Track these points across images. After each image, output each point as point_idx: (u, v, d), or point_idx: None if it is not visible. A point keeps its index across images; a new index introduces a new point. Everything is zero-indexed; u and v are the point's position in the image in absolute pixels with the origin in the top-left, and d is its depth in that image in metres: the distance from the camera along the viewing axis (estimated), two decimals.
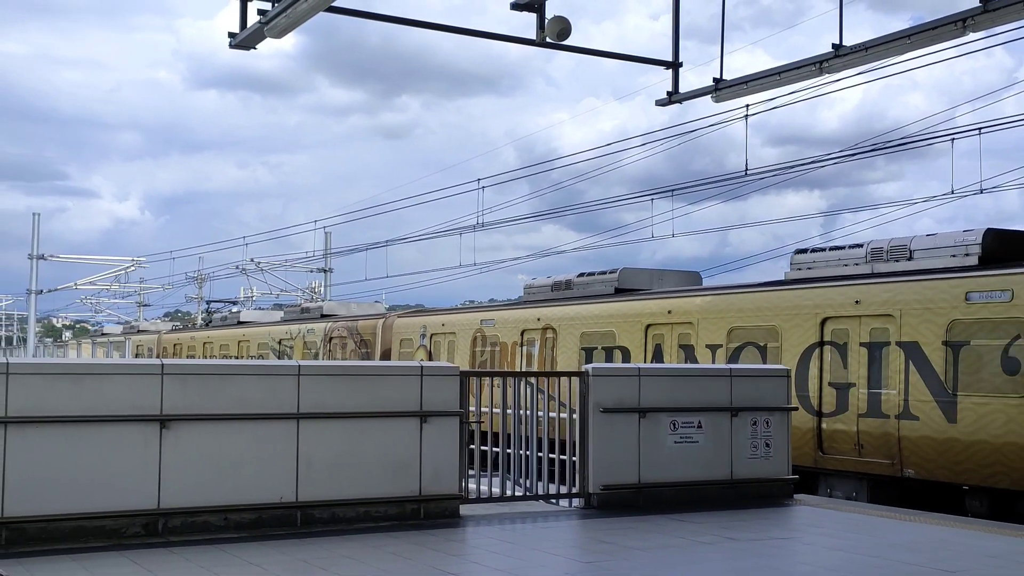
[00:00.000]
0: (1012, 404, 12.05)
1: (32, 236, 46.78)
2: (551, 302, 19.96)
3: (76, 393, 8.31)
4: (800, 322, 14.71)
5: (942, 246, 13.86)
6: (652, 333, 17.19)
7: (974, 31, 9.21)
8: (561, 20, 10.32)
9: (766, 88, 11.08)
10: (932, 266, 13.72)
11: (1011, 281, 12.31)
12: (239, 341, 31.83)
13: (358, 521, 9.22)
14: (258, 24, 9.27)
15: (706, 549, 8.57)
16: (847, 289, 14.24)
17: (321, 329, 27.42)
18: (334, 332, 26.77)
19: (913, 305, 13.28)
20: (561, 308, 19.17)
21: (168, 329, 44.31)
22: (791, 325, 14.87)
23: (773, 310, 15.23)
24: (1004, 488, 12.15)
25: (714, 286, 17.99)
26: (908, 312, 13.33)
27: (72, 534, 8.13)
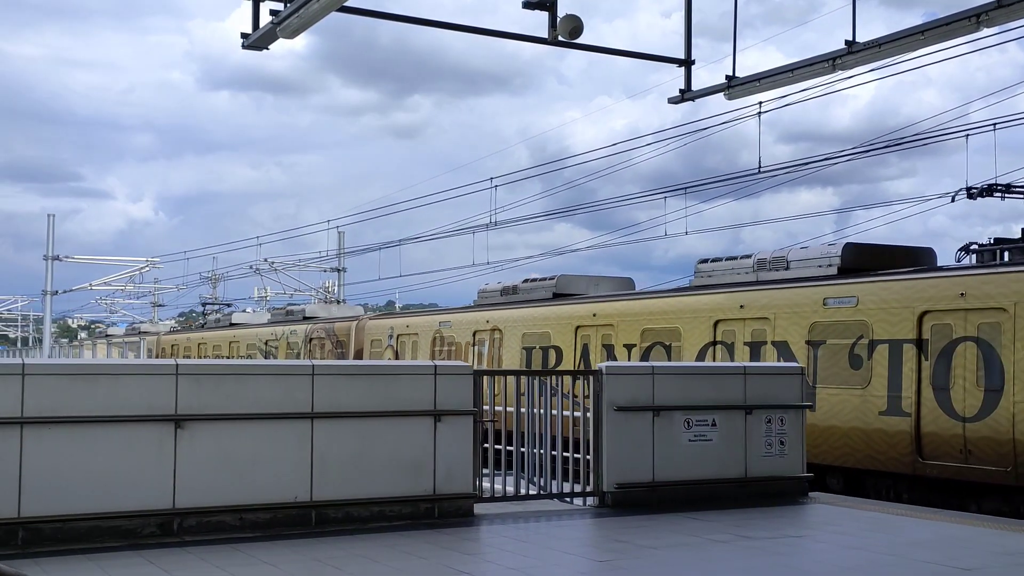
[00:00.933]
0: (856, 395, 14.28)
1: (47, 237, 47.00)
2: (499, 306, 21.81)
3: (91, 393, 8.34)
4: (698, 324, 16.70)
5: (811, 258, 15.93)
6: (580, 334, 18.90)
7: (988, 27, 9.16)
8: (573, 18, 10.31)
9: (779, 85, 11.05)
10: (803, 275, 15.71)
11: (856, 289, 14.43)
12: (230, 342, 33.20)
13: (372, 520, 9.24)
14: (270, 25, 9.29)
15: (720, 548, 8.55)
16: (734, 295, 16.22)
17: (303, 331, 29.08)
18: (314, 333, 28.40)
19: (784, 309, 15.34)
20: (507, 311, 21.09)
21: (167, 330, 46.03)
22: (691, 327, 16.86)
23: (677, 313, 17.15)
24: (852, 467, 14.31)
25: (632, 291, 20.03)
26: (780, 315, 15.36)
27: (88, 534, 8.17)
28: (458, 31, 10.78)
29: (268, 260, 46.23)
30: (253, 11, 9.61)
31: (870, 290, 14.26)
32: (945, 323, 13.22)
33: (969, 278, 13.19)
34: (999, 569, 7.77)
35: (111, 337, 53.91)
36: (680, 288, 18.27)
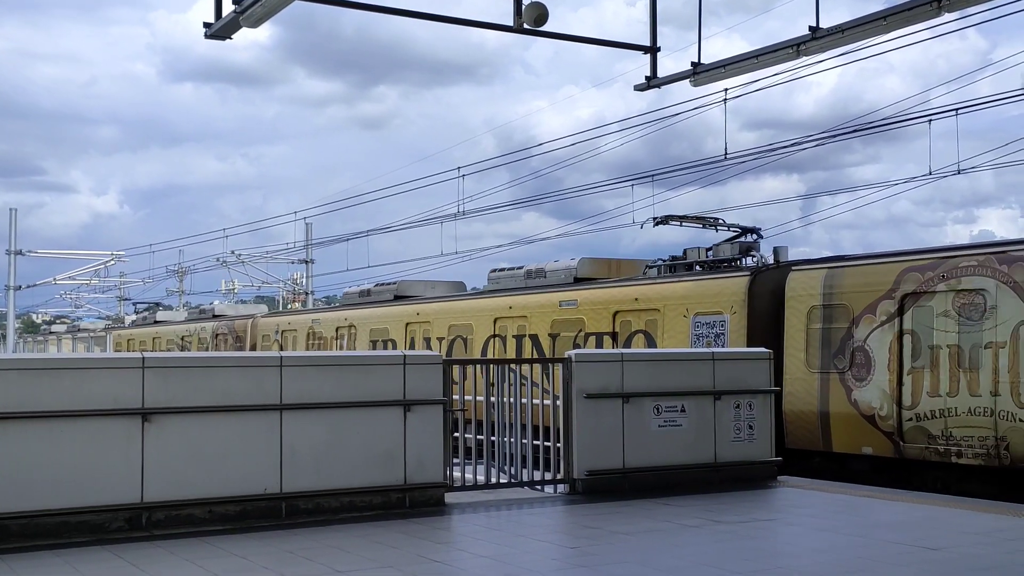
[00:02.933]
0: None
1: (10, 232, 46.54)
2: (356, 306, 25.63)
3: (56, 388, 8.26)
4: (484, 320, 20.40)
5: (558, 269, 19.99)
6: (409, 328, 22.64)
7: (949, 11, 9.24)
8: (538, 6, 10.29)
9: (744, 71, 11.10)
10: (552, 283, 19.83)
11: (578, 294, 18.39)
12: (153, 338, 36.71)
13: (343, 511, 9.21)
14: (233, 13, 9.21)
15: (691, 532, 8.60)
16: (508, 298, 20.07)
17: (211, 328, 32.22)
18: (219, 330, 31.52)
19: (537, 309, 19.10)
20: (361, 311, 24.86)
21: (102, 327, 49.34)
22: (479, 323, 20.48)
23: (471, 312, 20.95)
24: None
25: (446, 295, 23.59)
26: (534, 314, 19.10)
27: (55, 530, 8.09)
28: (423, 19, 10.72)
29: (235, 253, 46.02)
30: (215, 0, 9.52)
31: (586, 295, 18.22)
32: (627, 319, 17.23)
33: (641, 287, 17.40)
34: (966, 548, 7.87)
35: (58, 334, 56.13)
36: (477, 292, 22.77)
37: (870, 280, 13.92)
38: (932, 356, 13.05)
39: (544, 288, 19.60)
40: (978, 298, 12.65)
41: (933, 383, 12.96)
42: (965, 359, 12.71)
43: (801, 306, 14.70)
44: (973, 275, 12.70)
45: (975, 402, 12.46)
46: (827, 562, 7.42)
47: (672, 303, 16.48)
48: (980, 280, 12.62)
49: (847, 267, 14.45)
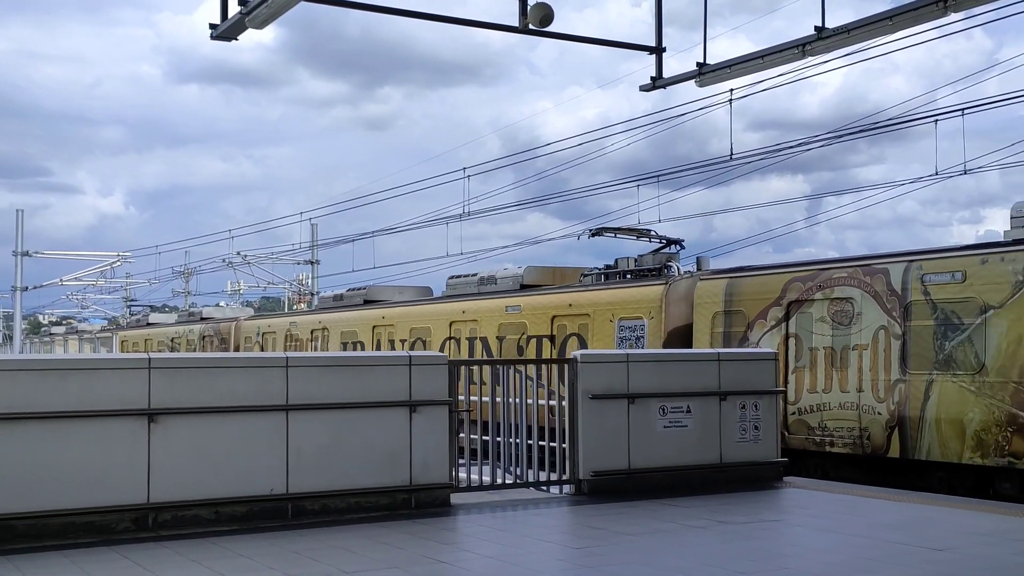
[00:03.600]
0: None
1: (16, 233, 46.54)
2: (329, 310, 27.52)
3: (63, 389, 8.27)
4: (441, 324, 22.03)
5: (507, 276, 21.68)
6: (376, 331, 24.34)
7: (955, 11, 9.22)
8: (544, 6, 10.29)
9: (749, 72, 11.08)
10: (501, 289, 21.50)
11: (521, 300, 20.18)
12: (145, 339, 38.87)
13: (349, 512, 9.22)
14: (239, 15, 9.22)
15: (697, 533, 8.60)
16: (462, 303, 21.86)
17: (198, 330, 34.01)
18: (206, 332, 33.30)
19: (486, 314, 20.76)
20: (333, 314, 26.57)
21: (99, 329, 51.96)
22: (436, 326, 22.22)
23: (430, 316, 22.69)
24: None
25: (410, 300, 25.17)
26: (484, 318, 20.77)
27: (62, 530, 8.11)
28: (428, 20, 10.73)
29: (241, 253, 46.05)
30: (221, 1, 9.54)
31: (528, 301, 19.98)
32: (563, 323, 18.94)
33: (575, 294, 18.96)
34: (972, 548, 7.86)
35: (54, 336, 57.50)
36: (436, 297, 24.57)
37: (762, 289, 15.57)
38: (811, 356, 14.68)
39: (493, 294, 21.40)
40: (847, 305, 14.28)
41: (812, 381, 14.66)
42: (837, 359, 14.35)
43: (707, 311, 16.41)
44: (843, 285, 14.35)
45: (844, 397, 14.13)
46: (833, 563, 7.41)
47: (600, 308, 18.21)
48: (848, 290, 14.29)
49: (744, 277, 16.09)
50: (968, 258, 13.08)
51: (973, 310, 12.80)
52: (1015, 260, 12.45)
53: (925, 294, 13.36)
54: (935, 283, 13.26)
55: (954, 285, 13.05)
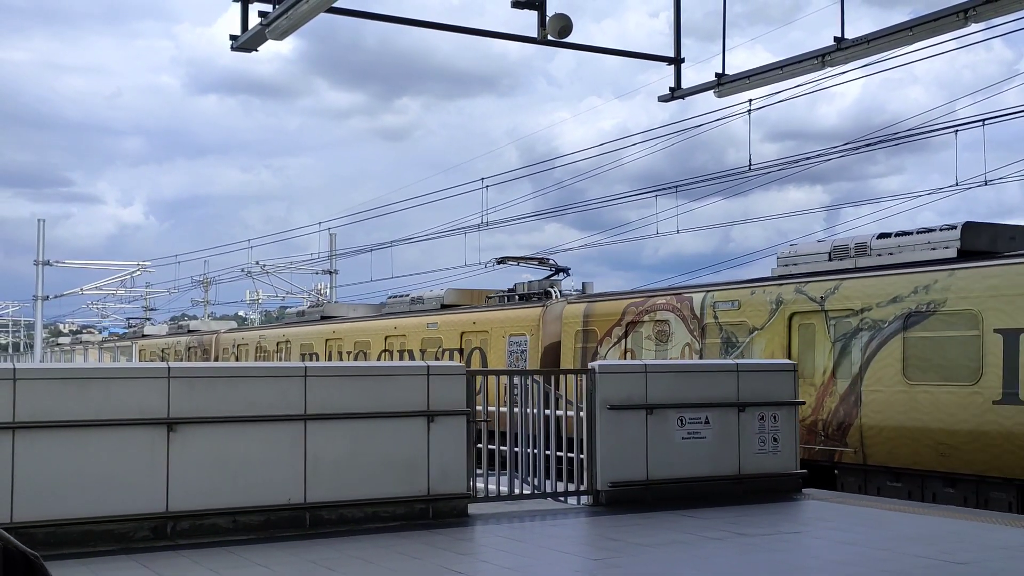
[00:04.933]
0: None
1: (38, 242, 46.89)
2: (293, 324, 31.13)
3: (83, 397, 8.32)
4: (378, 338, 25.09)
5: (432, 297, 24.91)
6: (328, 344, 27.15)
7: (976, 22, 9.18)
8: (562, 17, 10.30)
9: (768, 82, 11.06)
10: (427, 308, 24.59)
11: (438, 319, 23.24)
12: (140, 350, 41.99)
13: (366, 522, 9.22)
14: (259, 26, 9.27)
15: (715, 545, 8.56)
16: (395, 320, 24.97)
17: (185, 341, 37.48)
18: (191, 343, 36.61)
19: (413, 330, 23.85)
20: (295, 329, 29.97)
21: (100, 340, 55.34)
22: (375, 340, 25.30)
23: (370, 331, 25.62)
24: None
25: (355, 316, 28.42)
26: (411, 333, 23.85)
27: (81, 538, 8.14)
28: (448, 31, 10.77)
29: (259, 263, 46.20)
30: (242, 13, 9.59)
31: (444, 319, 22.82)
32: (469, 338, 21.84)
33: (478, 314, 22.18)
34: (994, 563, 7.79)
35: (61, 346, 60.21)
36: (376, 315, 27.39)
37: (608, 312, 18.62)
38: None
39: (419, 312, 24.56)
40: (665, 326, 17.39)
41: None
42: None
43: (571, 330, 19.35)
44: (663, 310, 17.45)
45: None
46: (853, 575, 7.36)
47: (496, 326, 21.20)
48: (666, 313, 17.42)
49: (596, 302, 19.27)
50: (742, 290, 16.29)
51: (745, 330, 16.04)
52: (770, 292, 15.68)
53: (715, 318, 16.56)
54: (722, 309, 16.48)
55: (733, 311, 16.27)
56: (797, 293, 15.21)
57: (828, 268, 15.29)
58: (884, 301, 13.95)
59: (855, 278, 14.56)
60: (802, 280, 15.29)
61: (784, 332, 15.29)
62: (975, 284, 12.95)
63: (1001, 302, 12.56)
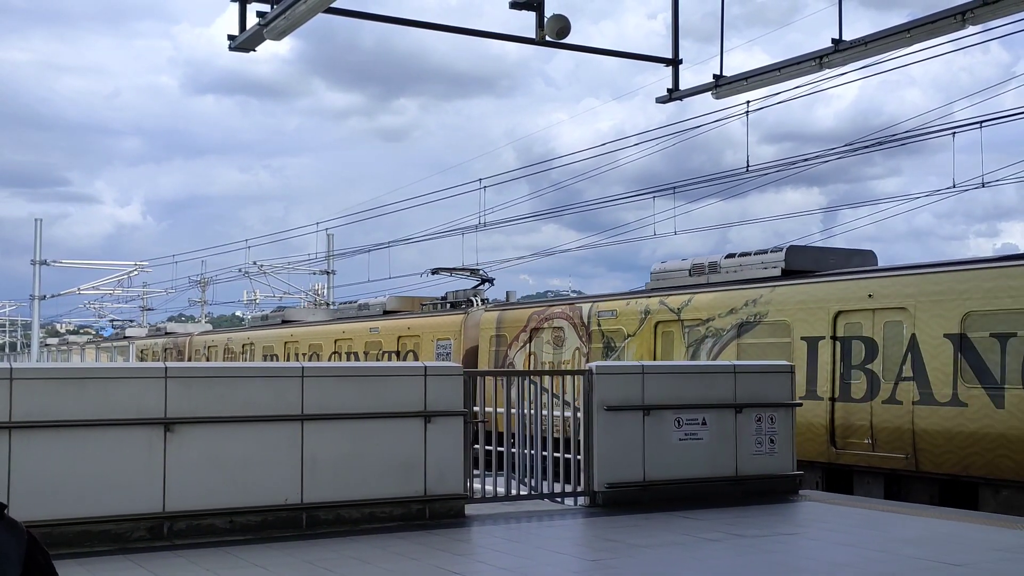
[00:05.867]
0: None
1: (35, 242, 46.88)
2: (257, 328, 33.46)
3: (80, 397, 8.31)
4: (329, 341, 26.89)
5: (376, 304, 27.10)
6: (287, 346, 29.05)
7: (974, 24, 9.19)
8: (560, 18, 10.31)
9: (766, 84, 11.06)
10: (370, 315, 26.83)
11: (380, 323, 25.31)
12: (121, 350, 44.61)
13: (364, 522, 9.22)
14: (257, 26, 9.27)
15: (712, 546, 8.56)
16: (344, 325, 27.01)
17: (162, 343, 39.34)
18: (168, 345, 38.49)
19: (358, 334, 25.69)
20: (259, 332, 32.13)
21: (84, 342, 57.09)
22: (328, 343, 26.83)
23: (322, 334, 27.59)
24: None
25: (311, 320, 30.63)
26: (356, 337, 25.66)
27: (77, 538, 8.13)
28: (446, 32, 10.77)
29: (257, 263, 46.19)
30: (240, 13, 9.58)
31: (384, 324, 25.03)
32: (404, 342, 23.97)
33: (412, 320, 24.26)
34: (989, 565, 7.80)
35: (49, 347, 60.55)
36: (328, 319, 29.66)
37: (516, 319, 20.74)
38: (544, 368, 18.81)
39: (364, 318, 26.70)
40: (560, 332, 19.44)
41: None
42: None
43: (487, 335, 21.40)
44: (559, 318, 19.59)
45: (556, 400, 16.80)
46: None
47: (426, 331, 23.27)
48: (561, 321, 19.51)
49: (507, 310, 21.54)
50: (619, 301, 18.58)
51: (622, 336, 18.10)
52: (641, 304, 17.86)
53: (598, 325, 18.61)
54: (603, 318, 18.56)
55: (612, 319, 18.38)
56: (661, 304, 17.56)
57: (687, 283, 17.75)
58: (724, 312, 16.28)
59: (703, 292, 16.99)
60: (665, 293, 17.69)
61: (651, 338, 17.56)
62: (788, 299, 15.29)
63: (806, 314, 14.92)
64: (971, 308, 12.85)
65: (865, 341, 14.11)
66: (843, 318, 14.40)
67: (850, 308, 14.31)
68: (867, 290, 14.19)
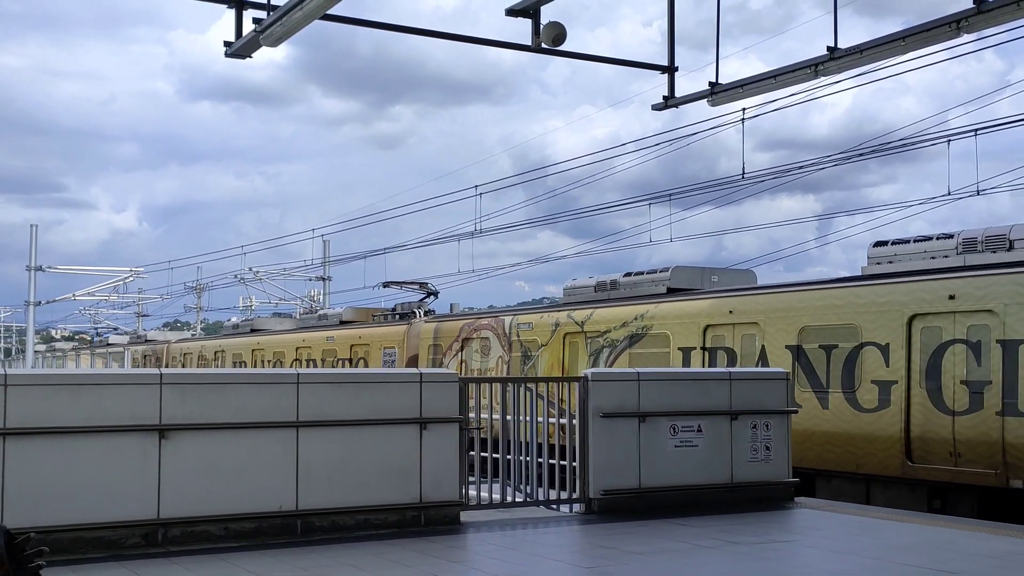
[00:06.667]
0: None
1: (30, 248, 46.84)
2: (228, 336, 35.56)
3: (75, 403, 8.30)
4: (291, 349, 28.77)
5: (332, 314, 29.43)
6: (254, 354, 30.96)
7: (968, 32, 9.22)
8: (556, 26, 10.33)
9: (762, 91, 11.09)
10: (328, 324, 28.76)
11: (335, 332, 27.10)
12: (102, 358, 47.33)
13: (358, 529, 9.21)
14: (253, 33, 9.28)
15: (707, 553, 8.56)
16: (304, 334, 28.90)
17: (141, 350, 41.37)
18: (147, 352, 40.61)
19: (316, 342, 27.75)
20: (229, 340, 34.22)
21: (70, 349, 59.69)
22: (290, 351, 28.84)
23: (285, 342, 29.59)
24: None
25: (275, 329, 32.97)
26: (314, 345, 27.56)
27: (72, 545, 8.11)
28: (442, 39, 10.78)
29: (253, 269, 46.13)
30: (236, 19, 9.60)
31: (339, 334, 26.72)
32: (356, 349, 25.74)
33: (362, 329, 26.18)
34: (984, 571, 7.81)
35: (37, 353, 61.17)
36: (291, 328, 31.49)
37: (450, 330, 22.78)
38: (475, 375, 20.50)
39: (323, 327, 28.56)
40: (487, 342, 21.31)
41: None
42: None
43: (426, 344, 23.40)
44: (485, 329, 21.57)
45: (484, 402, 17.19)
46: None
47: (375, 340, 25.15)
48: (487, 332, 21.45)
49: (443, 322, 23.57)
50: (535, 315, 20.48)
51: (536, 346, 19.96)
52: (552, 317, 19.81)
53: (518, 336, 20.49)
54: (522, 329, 20.46)
55: (529, 331, 20.24)
56: (568, 318, 19.43)
57: (592, 299, 19.74)
58: (618, 325, 18.16)
59: (603, 307, 18.83)
60: (572, 308, 19.60)
61: (560, 347, 19.43)
62: (669, 314, 17.31)
63: (682, 327, 16.87)
64: (805, 323, 14.92)
65: (727, 351, 16.17)
66: (710, 331, 16.43)
67: (716, 322, 16.35)
68: (728, 307, 16.30)
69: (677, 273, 18.47)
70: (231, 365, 32.11)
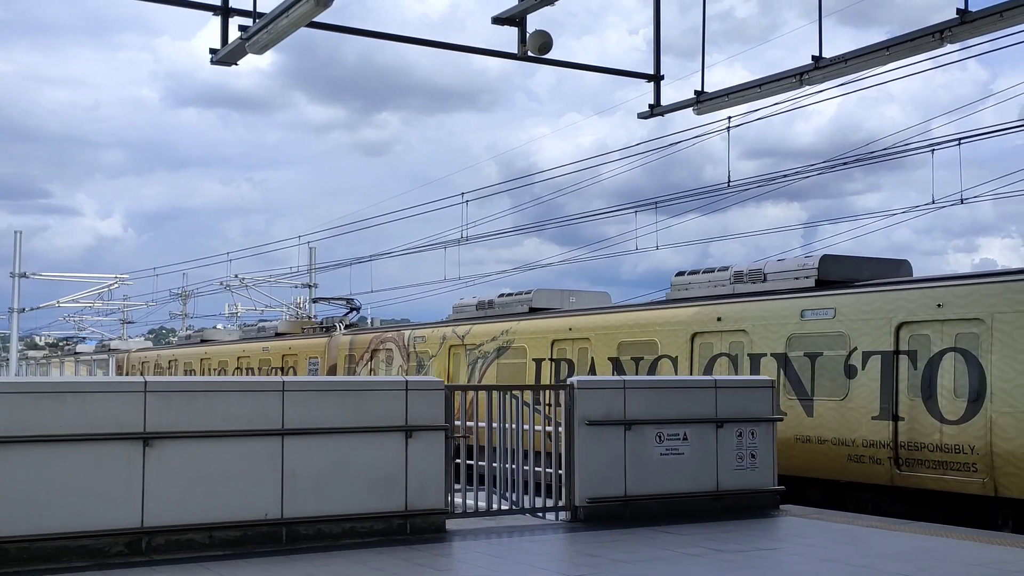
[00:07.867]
0: None
1: (14, 254, 46.56)
2: (182, 346, 38.07)
3: (58, 411, 8.25)
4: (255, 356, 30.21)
5: (269, 326, 32.07)
6: (202, 363, 33.18)
7: (952, 42, 9.28)
8: (543, 34, 10.36)
9: (747, 100, 11.14)
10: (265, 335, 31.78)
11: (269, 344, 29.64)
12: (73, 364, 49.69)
13: (344, 537, 9.18)
14: (239, 40, 9.27)
15: (693, 561, 8.56)
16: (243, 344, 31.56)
17: (105, 359, 43.41)
18: (110, 359, 42.59)
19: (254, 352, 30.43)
20: (181, 349, 37.08)
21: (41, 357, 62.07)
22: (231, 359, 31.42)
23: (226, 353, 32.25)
24: None
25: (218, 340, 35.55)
26: (252, 355, 30.34)
27: (55, 554, 8.06)
28: (428, 47, 10.80)
29: (238, 276, 45.98)
30: (222, 27, 9.59)
31: (272, 344, 29.35)
32: (287, 359, 28.47)
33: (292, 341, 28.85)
34: None
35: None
36: (232, 340, 34.22)
37: (363, 341, 25.10)
38: None
39: (260, 339, 31.21)
40: (391, 353, 23.81)
41: None
42: None
43: (342, 354, 25.83)
44: (390, 342, 24.06)
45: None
46: None
47: (302, 351, 27.64)
48: (391, 344, 23.89)
49: (356, 335, 25.90)
50: (427, 329, 23.04)
51: (428, 356, 22.39)
52: (441, 331, 22.26)
53: (414, 348, 23.00)
54: (418, 342, 22.98)
55: (423, 343, 22.75)
56: (452, 332, 21.92)
57: (473, 316, 22.32)
58: (489, 339, 20.69)
59: (479, 324, 21.36)
60: (457, 324, 22.08)
61: (447, 358, 21.82)
62: (526, 330, 19.80)
63: (536, 341, 19.36)
64: (622, 339, 17.46)
65: (568, 362, 18.70)
66: (556, 344, 18.97)
67: (560, 337, 18.91)
68: (568, 325, 18.96)
69: (539, 295, 21.29)
70: (183, 373, 34.74)
